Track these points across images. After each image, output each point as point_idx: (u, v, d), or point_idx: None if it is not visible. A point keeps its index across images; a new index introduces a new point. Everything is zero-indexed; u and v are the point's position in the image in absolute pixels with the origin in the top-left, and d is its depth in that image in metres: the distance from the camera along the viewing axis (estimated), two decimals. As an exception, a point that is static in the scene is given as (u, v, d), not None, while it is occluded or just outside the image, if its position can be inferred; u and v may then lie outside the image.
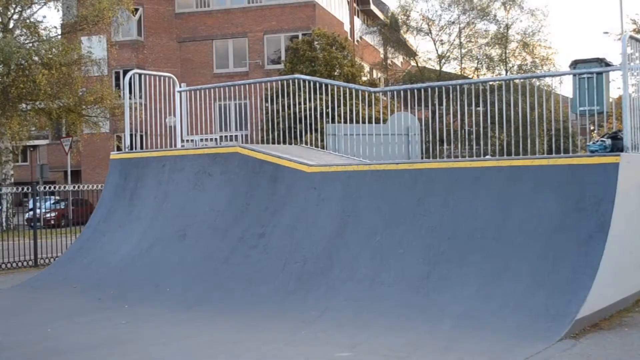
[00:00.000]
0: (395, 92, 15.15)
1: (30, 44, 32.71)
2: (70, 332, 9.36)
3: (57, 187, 18.74)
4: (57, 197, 32.02)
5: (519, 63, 43.13)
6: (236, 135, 18.04)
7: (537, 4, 71.26)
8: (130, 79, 15.13)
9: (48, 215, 27.91)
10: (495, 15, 43.38)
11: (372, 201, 10.79)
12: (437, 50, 43.70)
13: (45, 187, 18.27)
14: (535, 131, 13.50)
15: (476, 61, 43.50)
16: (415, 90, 13.95)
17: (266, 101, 23.27)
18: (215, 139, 16.77)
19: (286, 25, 41.82)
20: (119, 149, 26.79)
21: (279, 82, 17.70)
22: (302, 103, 15.19)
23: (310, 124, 15.44)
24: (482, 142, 13.05)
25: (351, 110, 15.14)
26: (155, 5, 43.18)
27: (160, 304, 10.73)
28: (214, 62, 43.17)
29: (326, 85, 15.29)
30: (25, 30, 33.76)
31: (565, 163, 9.54)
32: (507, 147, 14.62)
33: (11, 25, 33.57)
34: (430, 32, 43.58)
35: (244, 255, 11.39)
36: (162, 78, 15.91)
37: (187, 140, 15.85)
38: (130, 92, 15.32)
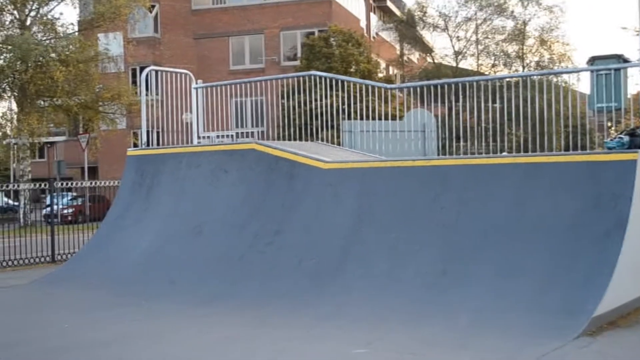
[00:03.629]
0: (411, 89, 15.10)
1: (48, 41, 32.86)
2: (87, 328, 9.40)
3: (74, 183, 18.83)
4: (74, 194, 32.20)
5: (536, 59, 42.95)
6: (252, 132, 18.08)
7: (555, 0, 70.72)
8: (147, 75, 15.17)
9: (65, 211, 28.10)
10: (512, 12, 43.23)
11: (388, 198, 10.77)
12: (453, 47, 43.61)
13: (62, 184, 18.36)
14: (553, 128, 13.44)
15: (493, 58, 43.35)
16: (432, 87, 13.92)
17: (282, 98, 23.29)
18: (232, 136, 16.80)
19: (302, 22, 41.81)
20: (135, 145, 26.87)
21: (295, 79, 17.73)
22: (318, 100, 15.19)
23: (327, 121, 15.43)
24: (498, 139, 13.01)
25: (367, 107, 15.12)
26: (171, 2, 43.28)
27: (177, 300, 10.76)
28: (230, 58, 43.23)
29: (342, 81, 15.27)
30: (42, 27, 33.93)
31: (583, 160, 9.49)
32: (524, 144, 14.56)
33: (28, 22, 33.75)
34: (447, 29, 43.48)
35: (260, 251, 11.40)
36: (178, 75, 15.93)
37: (204, 137, 15.87)
38: (146, 89, 15.36)
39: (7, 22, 33.64)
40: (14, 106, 35.16)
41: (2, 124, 35.69)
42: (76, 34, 34.93)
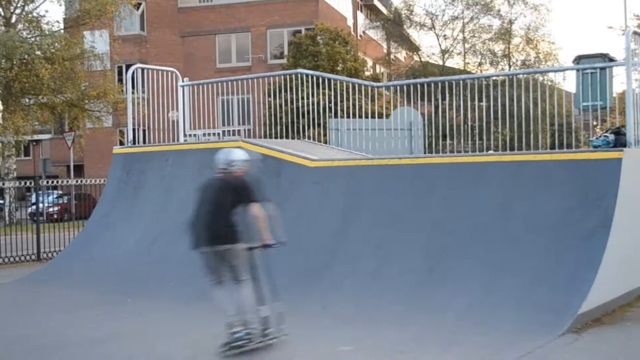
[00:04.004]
0: (398, 87, 15.14)
1: (33, 39, 32.69)
2: (73, 326, 9.38)
3: (59, 181, 18.74)
4: (60, 192, 32.06)
5: (522, 58, 43.06)
6: (239, 130, 18.04)
7: (541, -1, 70.86)
8: (133, 73, 15.12)
9: (51, 209, 27.96)
10: (499, 10, 43.31)
11: (375, 196, 10.79)
12: (440, 45, 43.63)
13: (47, 182, 18.27)
14: (539, 126, 13.48)
15: (479, 56, 43.42)
16: (418, 85, 13.94)
17: (269, 96, 23.24)
18: (218, 134, 16.77)
19: (289, 20, 41.76)
20: (121, 143, 26.79)
21: (282, 77, 17.70)
22: (305, 98, 15.19)
23: (313, 119, 15.44)
24: (485, 137, 13.03)
25: (354, 105, 15.13)
26: (157, 0, 43.16)
27: (163, 298, 10.74)
28: (216, 56, 43.14)
29: (329, 80, 15.27)
30: (27, 25, 33.75)
31: (568, 158, 9.53)
32: (510, 142, 14.60)
33: (14, 19, 33.56)
34: (434, 27, 43.49)
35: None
36: (164, 72, 15.90)
37: (190, 135, 15.84)
38: (133, 87, 15.32)
39: (-8, 20, 33.49)
40: (-1, 104, 34.99)
41: (-13, 122, 35.54)
42: (62, 31, 34.74)
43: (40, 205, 18.09)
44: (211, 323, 9.22)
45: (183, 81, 15.89)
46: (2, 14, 33.39)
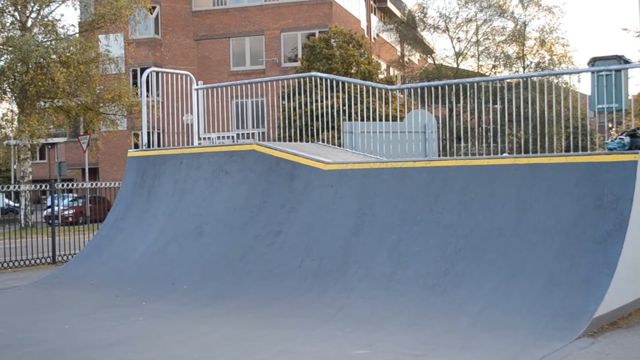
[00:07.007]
0: (412, 90, 15.09)
1: (48, 42, 32.88)
2: (88, 329, 9.41)
3: (74, 184, 18.84)
4: (75, 195, 32.23)
5: (536, 61, 42.97)
6: (253, 133, 18.10)
7: (555, 1, 70.73)
8: (148, 76, 15.17)
9: (66, 212, 28.12)
10: (512, 13, 43.27)
11: (389, 199, 10.78)
12: (454, 48, 43.63)
13: (63, 185, 18.36)
14: (553, 129, 13.44)
15: (493, 59, 43.36)
16: (432, 88, 13.93)
17: (283, 99, 23.30)
18: (232, 137, 16.81)
19: (303, 23, 41.83)
20: (136, 146, 26.88)
21: (296, 80, 17.74)
22: (319, 101, 15.20)
23: (327, 122, 15.46)
24: (499, 140, 13.00)
25: (368, 108, 15.14)
26: (172, 3, 43.32)
27: (178, 301, 10.77)
28: (230, 60, 43.26)
29: (343, 83, 15.28)
30: (43, 29, 33.96)
31: (583, 161, 9.48)
32: (524, 145, 14.57)
33: (29, 23, 33.77)
34: (448, 30, 43.48)
35: (261, 252, 11.40)
36: (179, 76, 15.94)
37: (204, 138, 15.89)
38: (147, 90, 15.36)
39: (7, 24, 33.68)
40: (15, 107, 35.20)
41: (3, 125, 35.81)
42: (77, 35, 34.93)
43: (56, 208, 18.17)
44: (225, 326, 9.25)
45: (197, 84, 15.94)
46: (18, 18, 33.60)
